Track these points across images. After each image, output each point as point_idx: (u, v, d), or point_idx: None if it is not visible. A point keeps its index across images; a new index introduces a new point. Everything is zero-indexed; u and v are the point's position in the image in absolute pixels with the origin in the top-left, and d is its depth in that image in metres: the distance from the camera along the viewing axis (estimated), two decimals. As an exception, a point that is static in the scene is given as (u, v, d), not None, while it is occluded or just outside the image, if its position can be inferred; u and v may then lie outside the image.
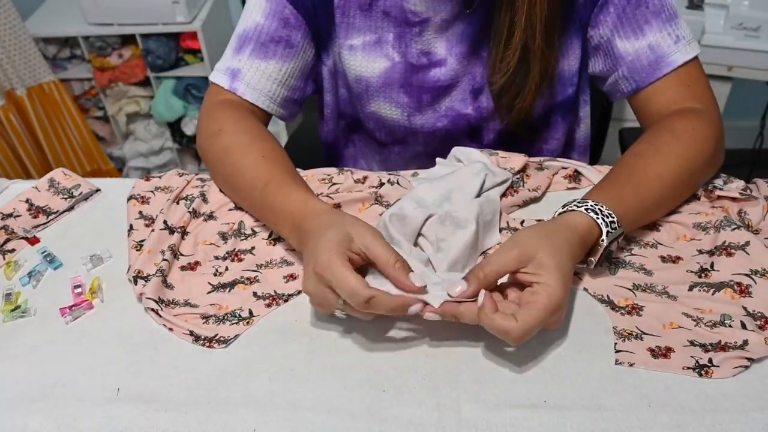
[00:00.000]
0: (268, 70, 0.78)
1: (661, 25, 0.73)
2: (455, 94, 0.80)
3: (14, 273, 0.68)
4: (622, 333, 0.57)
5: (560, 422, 0.50)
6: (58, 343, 0.59)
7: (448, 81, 0.79)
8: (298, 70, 0.81)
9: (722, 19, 1.44)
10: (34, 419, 0.53)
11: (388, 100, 0.80)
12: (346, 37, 0.79)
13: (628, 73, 0.75)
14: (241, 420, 0.52)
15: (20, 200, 0.75)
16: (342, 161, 0.95)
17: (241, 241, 0.70)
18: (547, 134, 0.85)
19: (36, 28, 1.95)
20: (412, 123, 0.82)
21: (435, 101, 0.80)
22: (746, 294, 0.59)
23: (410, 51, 0.78)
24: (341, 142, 0.92)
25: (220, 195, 0.75)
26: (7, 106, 1.80)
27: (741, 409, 0.50)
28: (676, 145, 0.68)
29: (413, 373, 0.55)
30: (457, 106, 0.80)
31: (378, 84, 0.80)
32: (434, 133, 0.82)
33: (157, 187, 0.76)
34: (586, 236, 0.59)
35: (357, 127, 0.88)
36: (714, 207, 0.69)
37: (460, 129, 0.82)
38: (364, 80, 0.80)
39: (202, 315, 0.61)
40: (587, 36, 0.77)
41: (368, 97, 0.81)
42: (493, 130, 0.82)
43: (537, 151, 0.86)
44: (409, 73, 0.79)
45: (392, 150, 0.87)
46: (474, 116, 0.81)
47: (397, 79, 0.79)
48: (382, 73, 0.79)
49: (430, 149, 0.85)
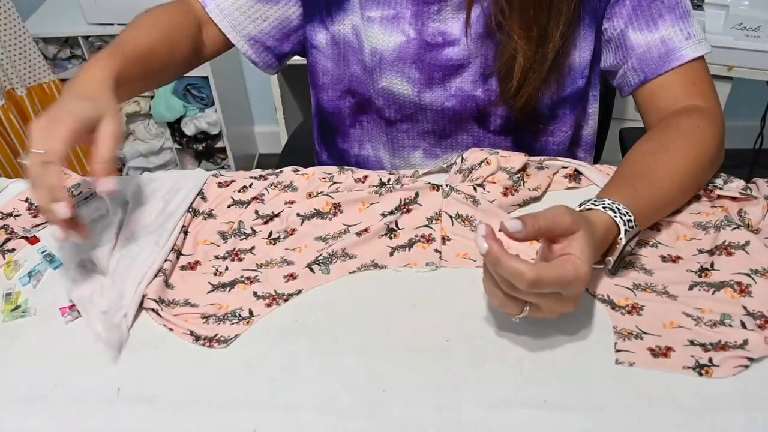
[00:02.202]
0: (240, 1, 0.83)
1: (674, 20, 0.74)
2: (466, 75, 0.80)
3: (14, 273, 0.68)
4: (622, 332, 0.57)
5: (560, 422, 0.50)
6: (59, 343, 0.59)
7: (461, 61, 0.79)
8: (273, 17, 0.85)
9: (722, 19, 1.44)
10: (34, 419, 0.53)
11: (400, 75, 0.81)
12: (364, 8, 0.80)
13: (638, 65, 0.76)
14: (241, 420, 0.52)
15: (20, 200, 0.76)
16: (345, 139, 0.94)
17: (241, 240, 0.70)
18: (555, 127, 0.85)
19: (36, 28, 1.95)
20: (422, 99, 0.82)
21: (446, 80, 0.81)
22: (746, 293, 0.59)
23: (426, 29, 0.79)
24: (347, 120, 0.91)
25: (219, 191, 0.75)
26: (7, 106, 1.80)
27: (741, 409, 0.50)
28: (683, 143, 0.68)
29: (413, 373, 0.55)
30: (467, 87, 0.81)
31: (392, 58, 0.80)
32: (443, 112, 0.83)
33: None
34: (605, 234, 0.58)
35: (366, 107, 0.88)
36: (714, 206, 0.69)
37: (468, 111, 0.83)
38: (378, 53, 0.81)
39: (202, 315, 0.61)
40: (601, 28, 0.78)
41: (381, 71, 0.82)
42: (501, 115, 0.83)
43: (543, 143, 0.86)
44: (423, 50, 0.79)
45: (400, 128, 0.87)
46: (482, 99, 0.81)
47: (411, 54, 0.80)
48: (396, 47, 0.80)
49: (438, 128, 0.86)
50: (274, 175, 0.78)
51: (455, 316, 0.60)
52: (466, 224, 0.69)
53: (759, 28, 1.42)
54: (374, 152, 0.92)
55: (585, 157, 0.92)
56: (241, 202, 0.74)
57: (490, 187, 0.72)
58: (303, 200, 0.74)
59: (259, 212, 0.72)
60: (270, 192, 0.75)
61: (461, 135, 0.86)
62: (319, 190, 0.74)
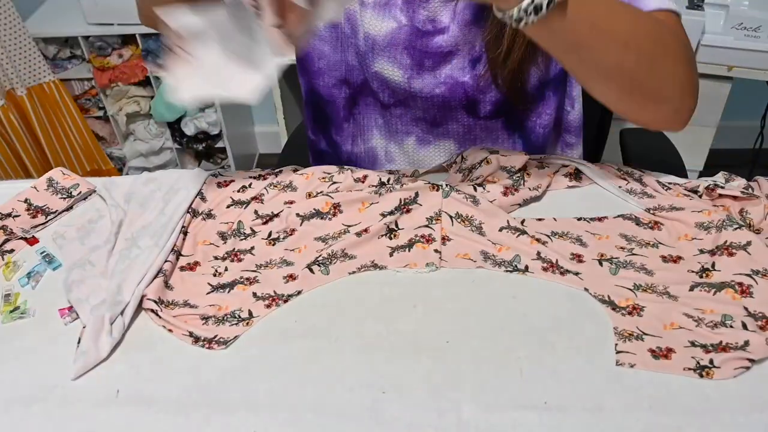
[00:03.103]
0: None
1: None
2: (455, 62, 0.82)
3: (13, 274, 0.67)
4: (622, 333, 0.57)
5: (561, 423, 0.50)
6: (58, 344, 0.59)
7: (450, 48, 0.81)
8: None
9: (722, 19, 1.44)
10: (34, 420, 0.52)
11: (391, 61, 0.82)
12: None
13: None
14: (241, 421, 0.51)
15: (19, 200, 0.75)
16: (338, 132, 0.94)
17: (241, 241, 0.70)
18: (541, 109, 0.87)
19: (36, 28, 1.95)
20: (412, 86, 0.83)
21: (435, 67, 0.82)
22: (747, 294, 0.59)
23: (417, 16, 0.80)
24: (341, 112, 0.92)
25: (218, 191, 0.75)
26: (7, 106, 1.80)
27: (742, 411, 0.50)
28: (647, 16, 0.66)
29: (413, 374, 0.54)
30: (456, 74, 0.82)
31: (384, 43, 0.81)
32: (432, 99, 0.84)
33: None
34: None
35: (361, 93, 0.89)
36: (715, 206, 0.69)
37: (458, 98, 0.84)
38: (371, 38, 0.82)
39: (201, 316, 0.61)
40: None
41: (373, 56, 0.83)
42: (490, 101, 0.84)
43: (531, 125, 0.88)
44: (415, 36, 0.81)
45: (394, 112, 0.89)
46: (471, 85, 0.82)
47: (403, 40, 0.81)
48: (388, 33, 0.81)
49: (429, 116, 0.87)
50: (273, 175, 0.78)
51: (455, 316, 0.60)
52: (465, 224, 0.69)
53: (759, 28, 1.42)
54: (366, 146, 0.92)
55: (575, 141, 0.93)
56: (241, 203, 0.74)
57: (490, 187, 0.72)
58: (302, 200, 0.74)
59: (259, 212, 0.72)
60: (269, 192, 0.75)
61: (452, 123, 0.87)
62: (319, 190, 0.74)
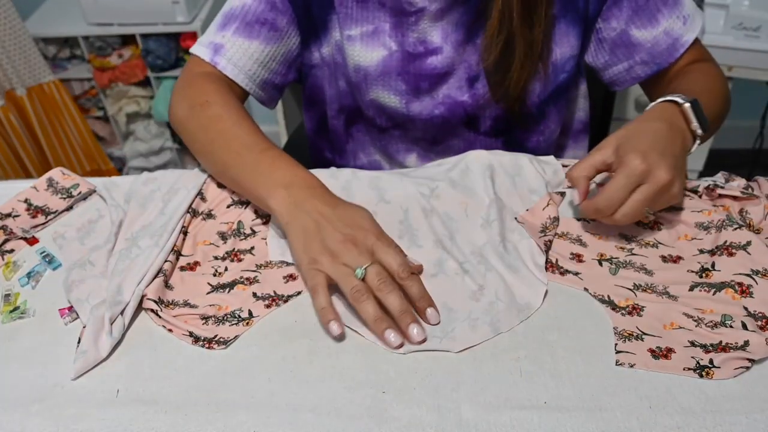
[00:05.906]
0: (251, 50, 0.80)
1: (670, 11, 0.79)
2: (452, 81, 0.81)
3: (13, 274, 0.67)
4: (622, 333, 0.57)
5: (561, 423, 0.50)
6: (58, 344, 0.59)
7: (445, 68, 0.80)
8: (280, 54, 0.83)
9: (722, 19, 1.44)
10: (33, 421, 0.52)
11: (386, 88, 0.81)
12: (345, 27, 0.80)
13: (649, 58, 0.81)
14: (241, 421, 0.51)
15: (19, 200, 0.75)
16: (342, 155, 0.94)
17: (241, 241, 0.70)
18: (543, 125, 0.86)
19: (36, 28, 1.95)
20: (410, 110, 0.83)
21: (432, 88, 0.81)
22: (747, 294, 0.59)
23: (407, 40, 0.79)
24: (342, 137, 0.92)
25: (218, 191, 0.75)
26: (7, 106, 1.80)
27: (742, 411, 0.50)
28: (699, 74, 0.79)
29: (413, 374, 0.54)
30: (454, 94, 0.81)
31: (376, 73, 0.80)
32: (432, 120, 0.83)
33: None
34: (666, 117, 0.66)
35: (356, 118, 0.88)
36: (715, 205, 0.69)
37: (457, 117, 0.83)
38: (362, 69, 0.81)
39: (201, 316, 0.61)
40: (594, 27, 0.81)
41: (367, 86, 0.82)
42: (490, 117, 0.83)
43: (534, 142, 0.88)
44: (407, 61, 0.80)
45: (393, 134, 0.88)
46: (470, 104, 0.82)
47: (395, 67, 0.80)
48: (380, 62, 0.80)
49: (429, 136, 0.87)
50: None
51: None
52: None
53: (759, 28, 1.42)
54: (368, 159, 0.92)
55: (577, 145, 0.94)
56: (241, 202, 0.74)
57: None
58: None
59: (259, 212, 0.72)
60: (270, 192, 0.75)
61: (453, 140, 0.87)
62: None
